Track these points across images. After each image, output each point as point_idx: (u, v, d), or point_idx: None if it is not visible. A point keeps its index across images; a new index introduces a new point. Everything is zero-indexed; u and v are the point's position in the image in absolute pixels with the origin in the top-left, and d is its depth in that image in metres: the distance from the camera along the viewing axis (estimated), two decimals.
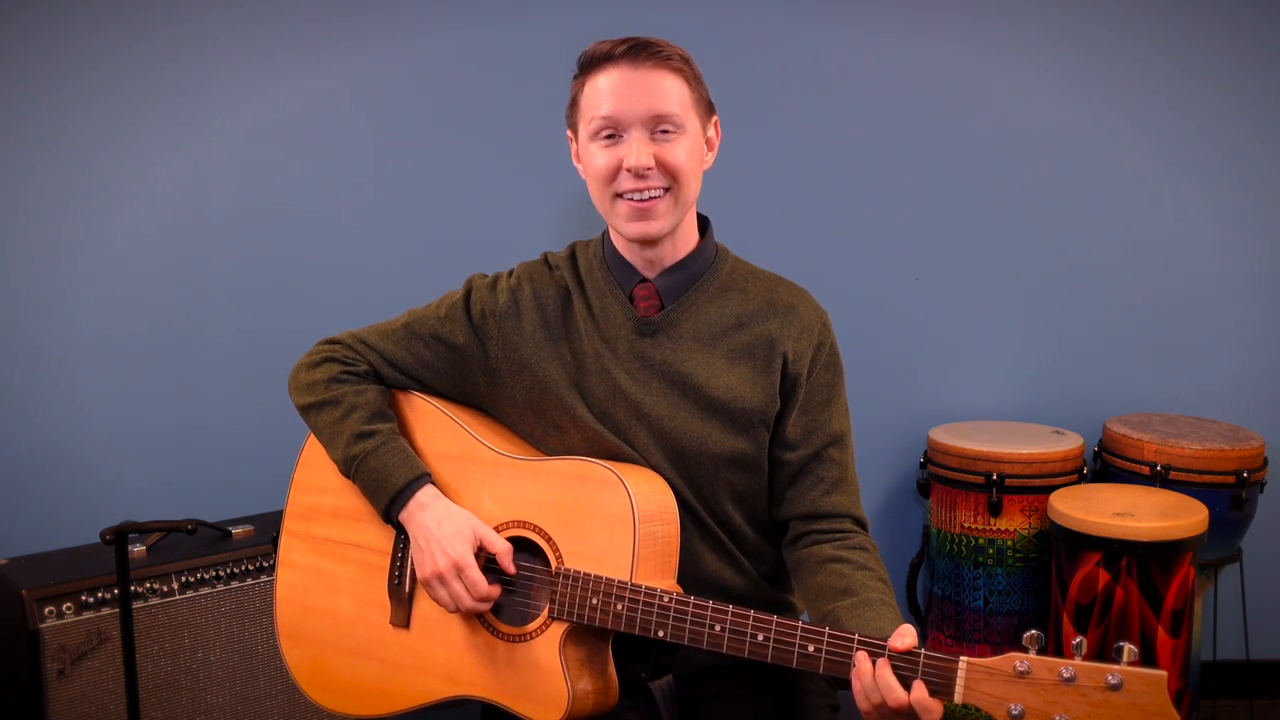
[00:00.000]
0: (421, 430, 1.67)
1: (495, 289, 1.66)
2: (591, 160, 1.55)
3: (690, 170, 1.54)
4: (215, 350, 2.72)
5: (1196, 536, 2.38)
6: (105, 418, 2.69)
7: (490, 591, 1.52)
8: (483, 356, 1.65)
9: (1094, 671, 1.17)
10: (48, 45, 2.60)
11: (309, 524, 1.72)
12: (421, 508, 1.56)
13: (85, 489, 2.67)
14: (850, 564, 1.52)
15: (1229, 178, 2.81)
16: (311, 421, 1.68)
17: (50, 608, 2.13)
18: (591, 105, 1.54)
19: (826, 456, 1.59)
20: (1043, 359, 2.88)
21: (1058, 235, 2.83)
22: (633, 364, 1.59)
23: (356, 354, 1.69)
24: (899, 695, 1.26)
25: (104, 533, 1.89)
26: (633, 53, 1.51)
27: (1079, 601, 2.42)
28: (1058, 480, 2.58)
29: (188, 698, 2.26)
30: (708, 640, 1.40)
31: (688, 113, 1.54)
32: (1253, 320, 2.85)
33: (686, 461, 1.57)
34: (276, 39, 2.65)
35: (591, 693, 1.49)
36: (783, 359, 1.58)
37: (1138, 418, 2.77)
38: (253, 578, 2.33)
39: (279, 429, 2.16)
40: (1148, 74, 2.77)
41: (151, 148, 2.65)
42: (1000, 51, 2.76)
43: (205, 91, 2.64)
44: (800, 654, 1.34)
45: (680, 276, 1.61)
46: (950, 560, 2.66)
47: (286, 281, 2.72)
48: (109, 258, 2.66)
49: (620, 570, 1.46)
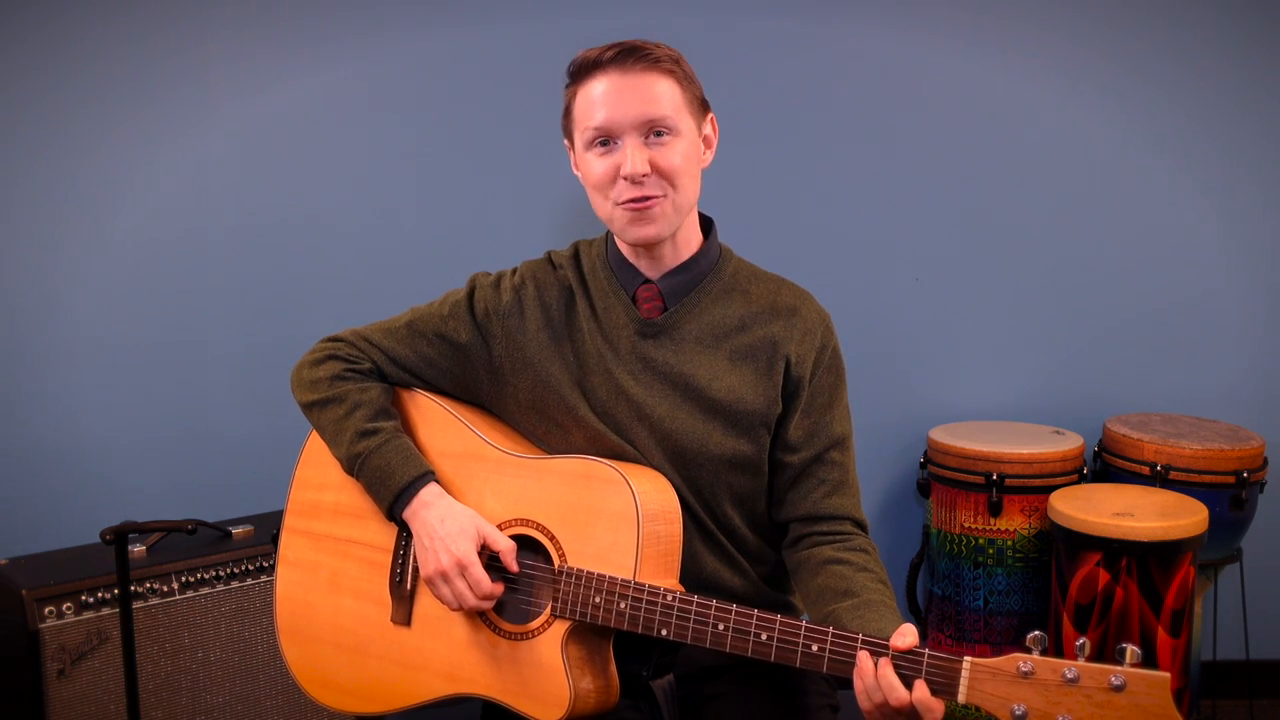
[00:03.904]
0: (425, 428, 1.67)
1: (499, 287, 1.66)
2: (589, 169, 1.55)
3: (686, 172, 1.53)
4: (215, 350, 2.72)
5: (1196, 536, 2.38)
6: (105, 418, 2.69)
7: (493, 589, 1.52)
8: (486, 354, 1.65)
9: (1097, 673, 1.17)
10: (45, 45, 2.59)
11: (310, 521, 1.71)
12: (425, 505, 1.56)
13: (85, 489, 2.67)
14: (851, 565, 1.52)
15: (1230, 177, 2.81)
16: (314, 419, 1.68)
17: (50, 608, 2.12)
18: (584, 115, 1.53)
19: (828, 459, 1.59)
20: (1043, 359, 2.88)
21: (1058, 235, 2.83)
22: (635, 365, 1.59)
23: (360, 352, 1.69)
24: (901, 694, 1.26)
25: (104, 533, 1.89)
26: (621, 58, 1.50)
27: (1079, 601, 2.42)
28: (1058, 480, 2.58)
29: (188, 698, 2.26)
30: (711, 639, 1.40)
31: (681, 114, 1.53)
32: (1253, 320, 2.85)
33: (687, 462, 1.57)
34: (278, 38, 2.65)
35: (593, 691, 1.49)
36: (785, 362, 1.58)
37: (1138, 418, 2.77)
38: (253, 578, 2.33)
39: (279, 429, 2.16)
40: (1149, 74, 2.77)
41: (151, 147, 2.64)
42: (1002, 52, 2.76)
43: (206, 91, 2.64)
44: (804, 653, 1.34)
45: (683, 278, 1.61)
46: (950, 560, 2.67)
47: (287, 281, 2.72)
48: (109, 257, 2.66)
49: (623, 569, 1.46)
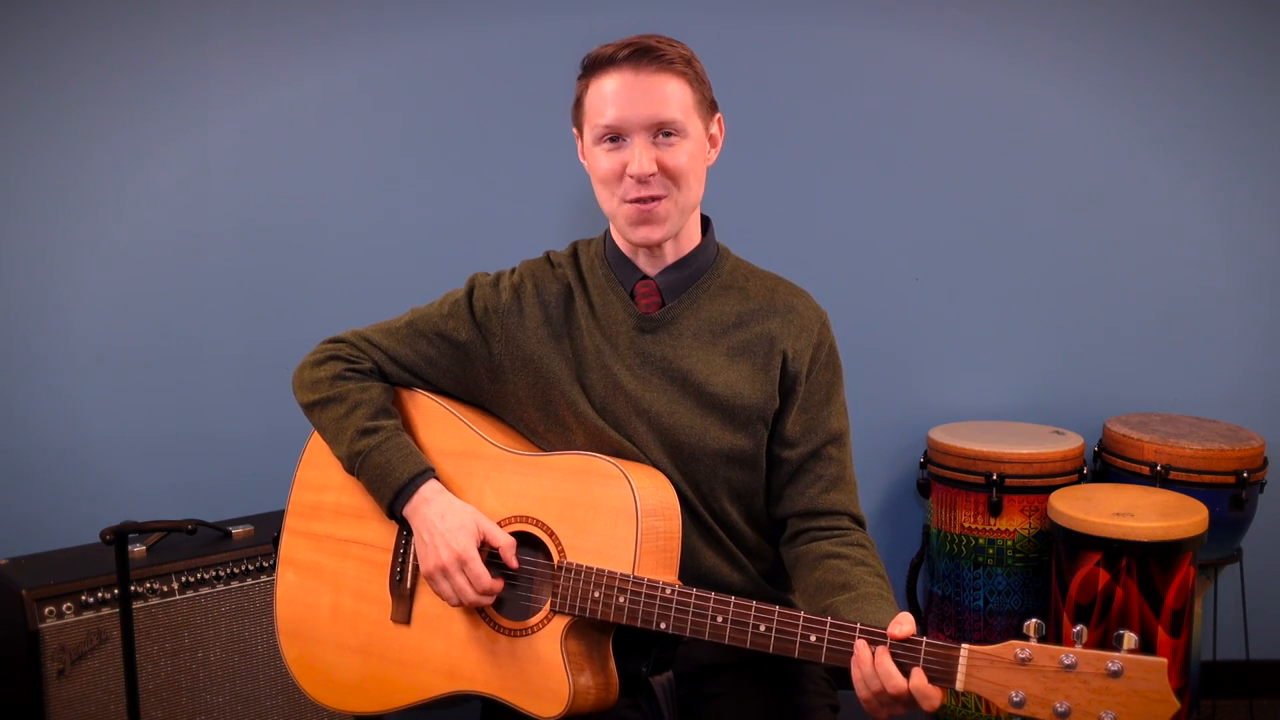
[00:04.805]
0: (425, 427, 1.68)
1: (498, 286, 1.67)
2: (596, 163, 1.56)
3: (693, 173, 1.55)
4: (215, 350, 2.72)
5: (1196, 536, 2.38)
6: (105, 418, 2.69)
7: (493, 585, 1.52)
8: (486, 353, 1.66)
9: (1095, 659, 1.17)
10: (43, 45, 2.60)
11: (310, 522, 1.72)
12: (425, 502, 1.56)
13: (85, 489, 2.67)
14: (848, 560, 1.53)
15: (1230, 177, 2.81)
16: (315, 419, 1.68)
17: (50, 608, 2.13)
18: (595, 110, 1.54)
19: (825, 454, 1.60)
20: (1043, 359, 2.88)
21: (1058, 235, 2.83)
22: (633, 360, 1.59)
23: (360, 352, 1.70)
24: (898, 682, 1.27)
25: (104, 533, 1.89)
26: (635, 57, 1.52)
27: (1079, 601, 2.42)
28: (1058, 480, 2.58)
29: (188, 698, 2.26)
30: (710, 631, 1.40)
31: (690, 116, 1.54)
32: (1253, 320, 2.85)
33: (685, 457, 1.58)
34: (277, 38, 2.66)
35: (592, 688, 1.49)
36: (782, 357, 1.59)
37: (1138, 418, 2.77)
38: (253, 578, 2.33)
39: (279, 429, 2.17)
40: (1150, 73, 2.78)
41: (152, 147, 2.65)
42: (1002, 51, 2.77)
43: (206, 90, 2.65)
44: (802, 644, 1.34)
45: (681, 274, 1.62)
46: (950, 560, 2.66)
47: (287, 281, 2.72)
48: (109, 257, 2.67)
49: (622, 564, 1.46)
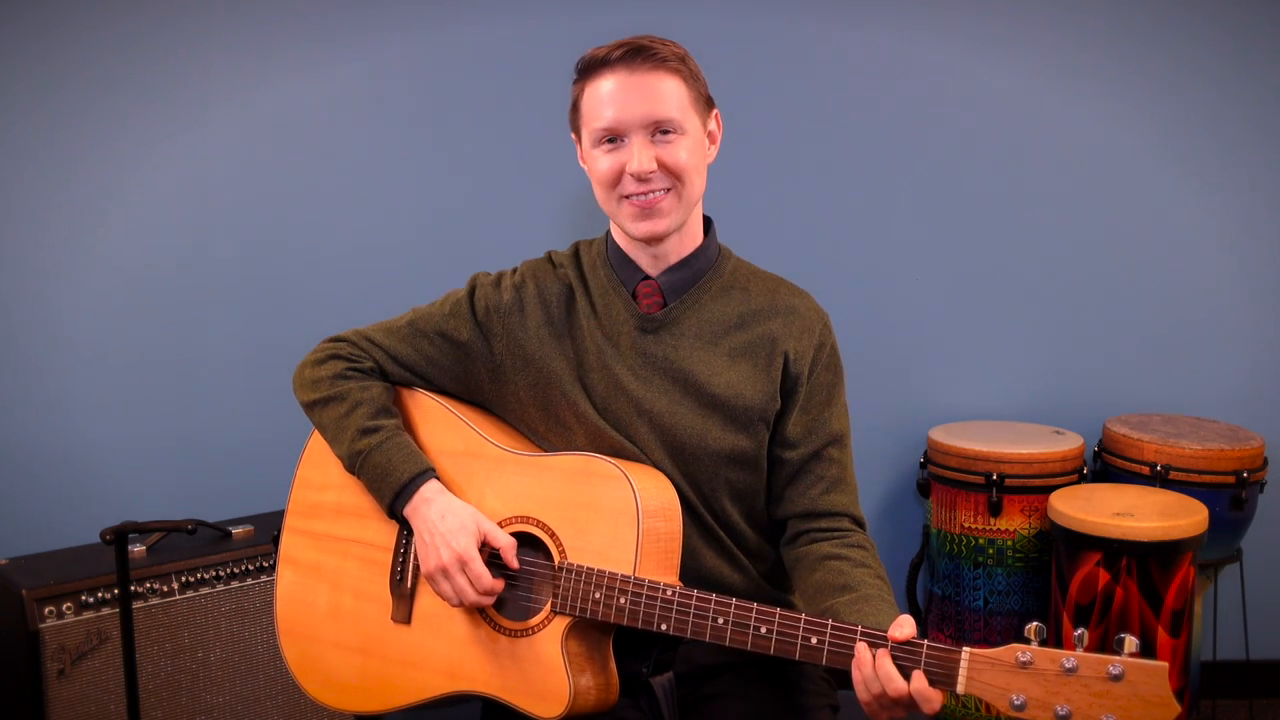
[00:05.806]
0: (426, 426, 1.68)
1: (499, 286, 1.67)
2: (595, 165, 1.56)
3: (693, 168, 1.55)
4: (215, 350, 2.72)
5: (1196, 536, 2.38)
6: (105, 418, 2.69)
7: (494, 585, 1.52)
8: (487, 353, 1.66)
9: (1096, 662, 1.17)
10: (40, 45, 2.59)
11: (311, 521, 1.72)
12: (426, 502, 1.56)
13: (85, 489, 2.66)
14: (849, 561, 1.53)
15: (1230, 177, 2.81)
16: (316, 418, 1.68)
17: (50, 608, 2.13)
18: (592, 113, 1.55)
19: (826, 456, 1.60)
20: (1043, 359, 2.87)
21: (1058, 235, 2.83)
22: (635, 360, 1.59)
23: (361, 351, 1.70)
24: (898, 685, 1.27)
25: (104, 533, 1.89)
26: (629, 57, 1.52)
27: (1079, 601, 2.42)
28: (1058, 480, 2.58)
29: (188, 698, 2.26)
30: (710, 633, 1.40)
31: (687, 113, 1.54)
32: (1253, 320, 2.85)
33: (686, 458, 1.58)
34: (275, 38, 2.65)
35: (593, 688, 1.49)
36: (784, 358, 1.59)
37: (1138, 418, 2.78)
38: (253, 578, 2.33)
39: (279, 429, 2.16)
40: (1150, 73, 2.77)
41: (150, 148, 2.64)
42: (1003, 51, 2.76)
43: (204, 91, 2.64)
44: (803, 646, 1.34)
45: (683, 274, 1.62)
46: (950, 560, 2.66)
47: (287, 281, 2.72)
48: (109, 257, 2.66)
49: (623, 565, 1.46)
